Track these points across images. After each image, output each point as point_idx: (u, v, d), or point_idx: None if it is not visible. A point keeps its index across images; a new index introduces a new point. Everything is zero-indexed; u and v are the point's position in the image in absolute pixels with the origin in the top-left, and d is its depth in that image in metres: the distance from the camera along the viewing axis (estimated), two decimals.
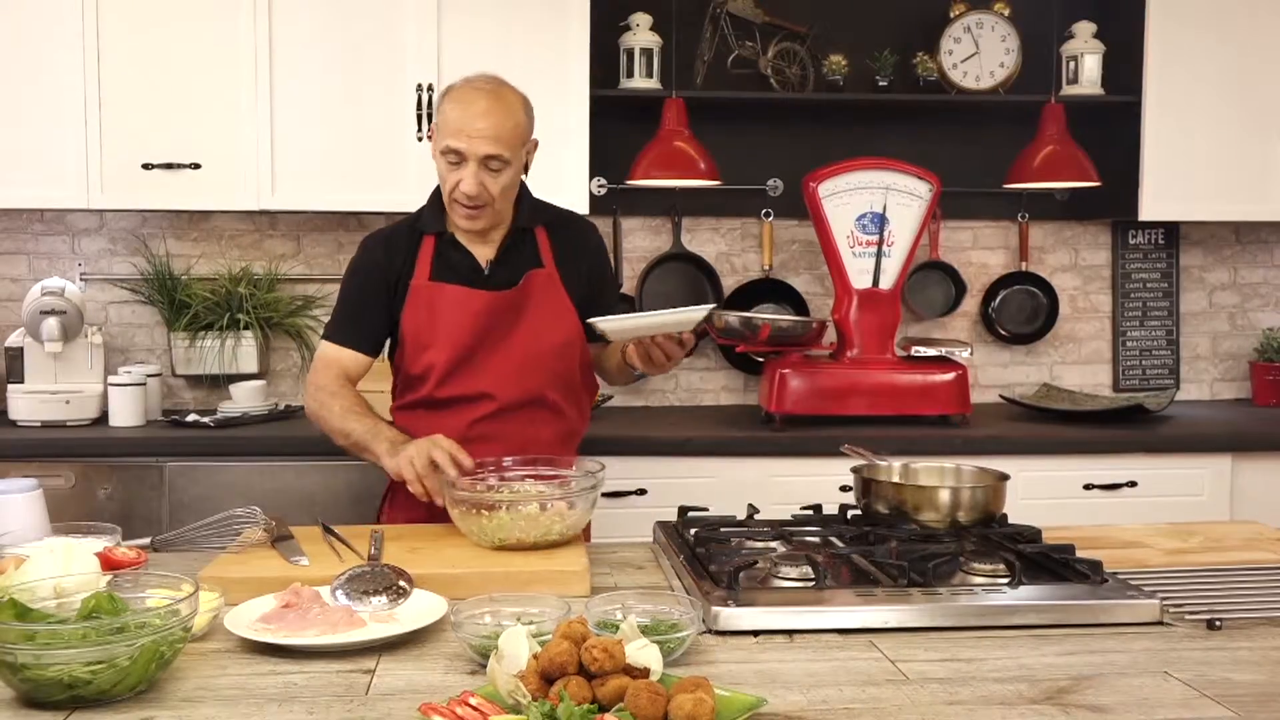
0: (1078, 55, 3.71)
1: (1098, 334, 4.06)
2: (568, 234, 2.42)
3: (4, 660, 1.28)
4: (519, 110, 2.27)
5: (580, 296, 2.38)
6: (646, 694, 1.19)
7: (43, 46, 3.28)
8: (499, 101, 2.23)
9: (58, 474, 3.05)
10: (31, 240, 3.73)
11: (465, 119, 2.20)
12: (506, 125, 2.21)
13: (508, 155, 2.21)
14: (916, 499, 1.98)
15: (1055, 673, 1.42)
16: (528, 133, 2.30)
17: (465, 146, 2.19)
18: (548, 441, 2.33)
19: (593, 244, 2.48)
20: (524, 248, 2.36)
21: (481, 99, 2.22)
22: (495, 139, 2.19)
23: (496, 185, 2.23)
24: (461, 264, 2.34)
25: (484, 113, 2.20)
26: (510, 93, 2.28)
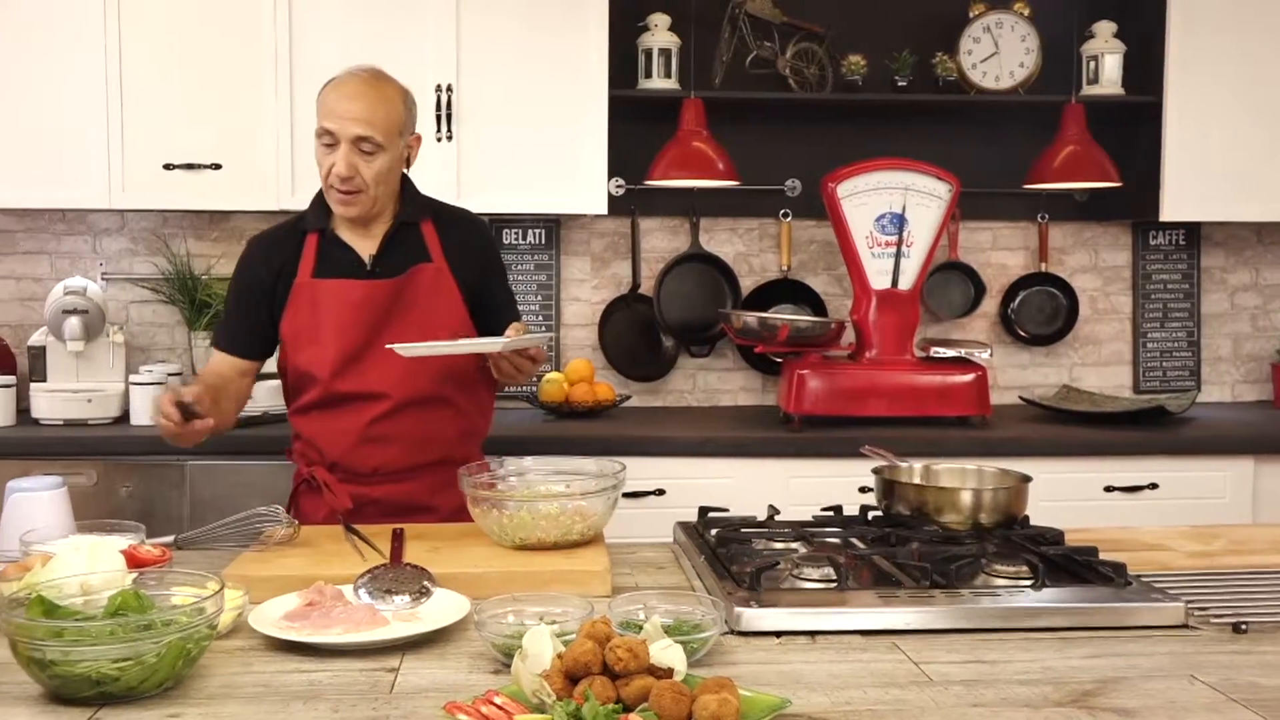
0: (1098, 55, 3.70)
1: (1118, 335, 4.04)
2: (458, 228, 2.41)
3: (33, 657, 1.29)
4: (395, 99, 2.28)
5: (471, 291, 2.36)
6: (671, 694, 1.19)
7: (65, 48, 3.30)
8: (374, 88, 2.26)
9: (80, 472, 3.07)
10: (54, 240, 3.75)
11: (339, 101, 2.23)
12: (379, 111, 2.23)
13: (380, 139, 2.22)
14: (938, 500, 1.97)
15: (1080, 675, 1.41)
16: (405, 123, 2.30)
17: (336, 128, 2.21)
18: (449, 440, 2.33)
19: (484, 239, 2.48)
20: (409, 242, 2.35)
21: (356, 83, 2.25)
22: (367, 122, 2.21)
23: (370, 170, 2.23)
24: (344, 260, 2.32)
25: (356, 95, 2.23)
26: (389, 83, 2.30)
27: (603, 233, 3.89)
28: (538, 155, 3.44)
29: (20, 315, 3.74)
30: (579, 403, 3.54)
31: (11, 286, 3.75)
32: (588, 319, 3.89)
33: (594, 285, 3.90)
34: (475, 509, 1.97)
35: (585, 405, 3.54)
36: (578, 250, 3.90)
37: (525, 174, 3.45)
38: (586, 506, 1.94)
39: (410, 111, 2.33)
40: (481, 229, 2.50)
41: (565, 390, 3.56)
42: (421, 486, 2.31)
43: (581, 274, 3.90)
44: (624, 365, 3.88)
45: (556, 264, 3.86)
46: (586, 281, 3.91)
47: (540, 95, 3.43)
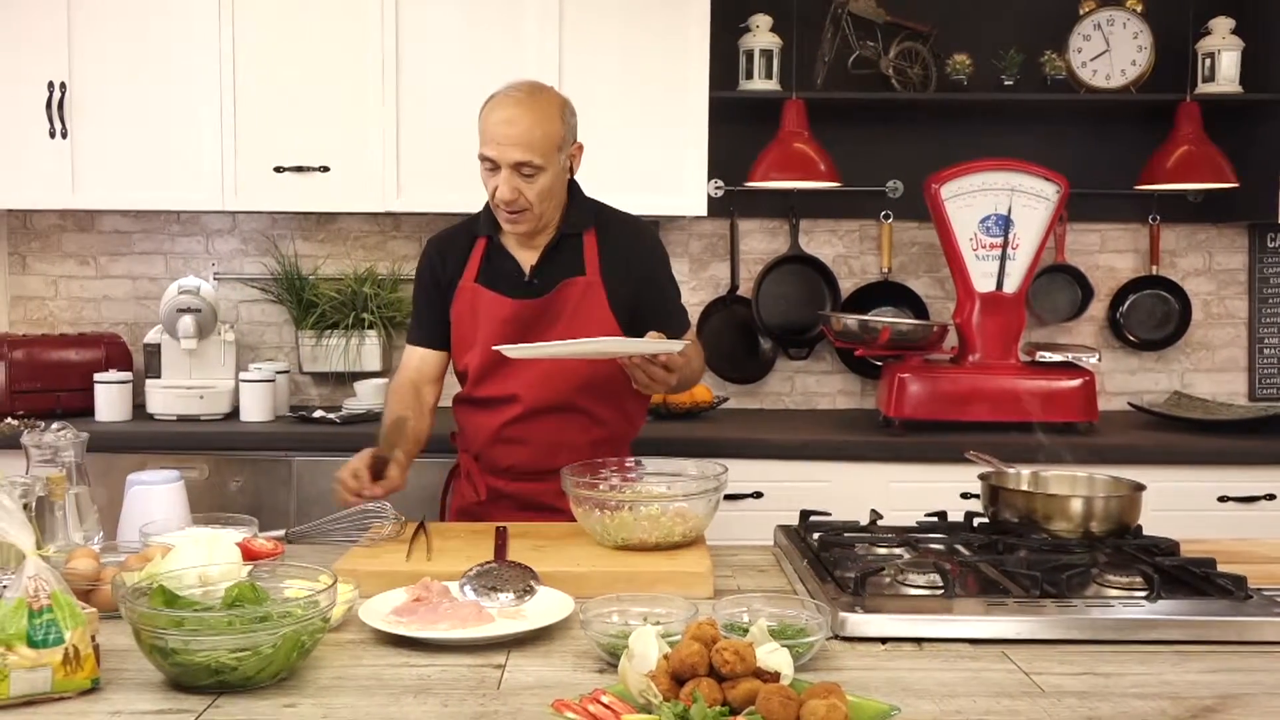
0: (1214, 52, 3.59)
1: (1233, 341, 3.91)
2: (619, 238, 2.40)
3: (155, 645, 1.33)
4: (553, 116, 2.26)
5: (628, 302, 2.36)
6: (778, 698, 1.18)
7: (182, 56, 3.41)
8: (529, 109, 2.23)
9: (192, 466, 3.16)
10: (169, 241, 3.87)
11: (496, 127, 2.23)
12: (536, 132, 2.21)
13: (539, 161, 2.22)
14: (1047, 508, 1.93)
15: (1199, 691, 1.37)
16: (565, 137, 2.28)
17: (496, 154, 2.22)
18: (579, 446, 2.34)
19: (644, 247, 2.45)
20: (568, 252, 2.36)
21: (511, 106, 2.24)
22: (525, 146, 2.20)
23: (532, 190, 2.24)
24: (506, 268, 2.37)
25: (512, 120, 2.22)
26: (544, 99, 2.28)
27: (701, 234, 3.89)
28: (638, 157, 3.45)
29: (136, 314, 3.87)
30: (677, 404, 3.54)
31: (128, 286, 3.88)
32: None
33: (692, 287, 3.90)
34: (577, 509, 1.98)
35: (683, 407, 3.54)
36: (676, 252, 3.90)
37: (625, 176, 3.46)
38: (688, 508, 1.95)
39: (569, 123, 2.30)
40: (644, 237, 2.48)
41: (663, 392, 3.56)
42: (550, 488, 2.32)
43: (680, 275, 3.86)
44: (722, 367, 3.87)
45: None
46: (685, 283, 3.88)
47: (641, 97, 3.44)
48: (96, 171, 3.43)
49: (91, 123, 3.42)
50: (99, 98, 3.41)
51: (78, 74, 3.40)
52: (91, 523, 1.92)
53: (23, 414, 2.09)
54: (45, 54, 3.39)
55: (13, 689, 1.29)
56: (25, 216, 3.84)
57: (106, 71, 3.40)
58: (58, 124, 3.39)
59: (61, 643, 1.31)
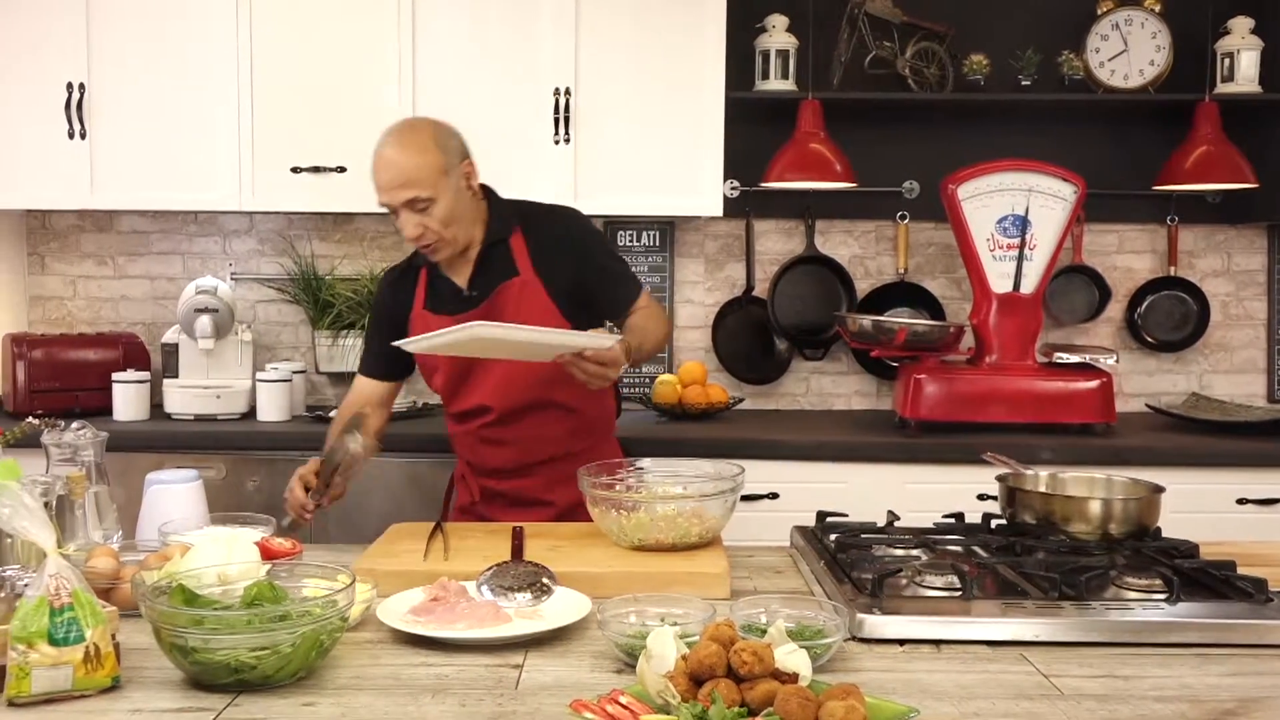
0: (1233, 52, 3.57)
1: (1251, 342, 3.89)
2: (546, 231, 2.41)
3: (175, 643, 1.33)
4: (425, 146, 2.26)
5: (568, 289, 2.37)
6: (797, 699, 1.18)
7: (200, 57, 3.42)
8: (401, 148, 2.26)
9: (209, 465, 3.17)
10: (186, 241, 3.89)
11: (378, 174, 2.27)
12: (410, 168, 2.23)
13: (426, 193, 2.23)
14: (1065, 510, 1.92)
15: (1220, 694, 1.37)
16: (445, 161, 2.28)
17: (386, 199, 2.27)
18: (559, 437, 2.40)
19: (573, 233, 2.45)
20: (498, 260, 2.38)
21: (385, 150, 2.27)
22: (405, 183, 2.23)
23: (433, 221, 2.26)
24: (447, 290, 2.42)
25: (389, 163, 2.25)
26: (414, 133, 2.29)
27: (717, 235, 3.89)
28: (654, 157, 3.45)
29: (154, 313, 3.88)
30: (692, 405, 3.54)
31: (146, 286, 3.90)
32: (701, 321, 3.89)
33: (708, 287, 3.90)
34: (594, 509, 1.98)
35: (698, 407, 3.54)
36: (692, 252, 3.90)
37: (641, 176, 3.47)
38: (704, 509, 1.94)
39: (446, 146, 2.30)
40: (571, 224, 2.48)
41: (678, 392, 3.57)
42: (538, 482, 2.41)
43: (695, 276, 3.90)
44: (737, 368, 3.87)
45: (670, 266, 3.87)
46: (700, 283, 3.91)
47: (657, 98, 3.44)
48: (115, 172, 3.44)
49: (110, 123, 3.43)
50: (117, 98, 3.43)
51: (96, 75, 3.42)
52: (111, 521, 1.92)
53: (41, 413, 2.09)
54: (64, 55, 3.41)
55: (34, 686, 1.30)
56: (44, 217, 3.87)
57: (125, 72, 3.42)
58: (76, 125, 3.41)
59: (82, 641, 1.32)
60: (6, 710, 1.29)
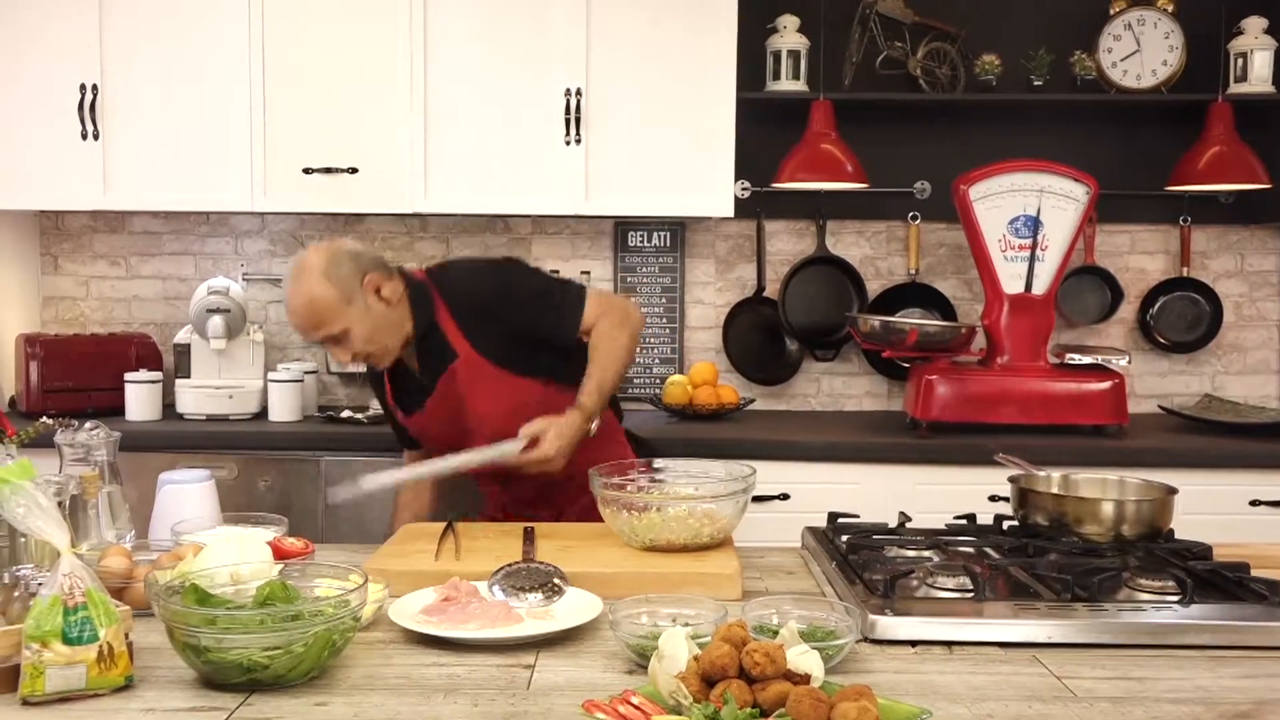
0: (1246, 52, 3.56)
1: (1265, 343, 3.88)
2: (463, 300, 2.37)
3: (188, 643, 1.34)
4: (317, 284, 2.26)
5: (510, 346, 2.35)
6: (809, 700, 1.18)
7: (212, 58, 3.43)
8: (298, 295, 2.28)
9: (221, 465, 3.17)
10: (198, 241, 3.90)
11: (291, 321, 2.35)
12: (312, 311, 2.27)
13: (335, 329, 2.28)
14: (1078, 511, 1.92)
15: (1234, 696, 1.36)
16: (343, 293, 2.26)
17: (306, 340, 2.43)
18: None
19: (489, 288, 2.39)
20: (436, 343, 2.37)
21: (288, 299, 2.32)
22: (312, 325, 2.29)
23: (357, 342, 2.30)
24: (408, 382, 2.46)
25: (292, 311, 2.32)
26: (306, 274, 2.27)
27: (728, 235, 3.88)
28: (665, 158, 3.45)
29: (166, 314, 3.90)
30: (702, 405, 3.54)
31: (158, 286, 3.91)
32: (712, 321, 3.89)
33: (718, 288, 3.90)
34: (605, 509, 1.98)
35: (709, 408, 3.54)
36: (702, 253, 3.90)
37: (652, 177, 3.47)
38: (716, 509, 1.94)
39: (339, 276, 2.27)
40: (481, 279, 2.42)
41: (689, 393, 3.57)
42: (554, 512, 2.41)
43: (706, 276, 3.90)
44: (748, 368, 3.87)
45: (681, 266, 3.87)
46: (711, 284, 3.90)
47: (668, 98, 3.44)
48: (127, 173, 3.45)
49: (122, 124, 3.44)
50: (130, 100, 3.44)
51: (109, 76, 3.43)
52: (124, 521, 1.93)
53: (54, 413, 2.10)
54: (77, 56, 3.42)
55: (48, 685, 1.30)
56: (57, 217, 3.88)
57: (137, 73, 3.43)
58: (89, 126, 3.42)
59: (96, 640, 1.32)
60: (21, 709, 1.30)
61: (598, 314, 2.37)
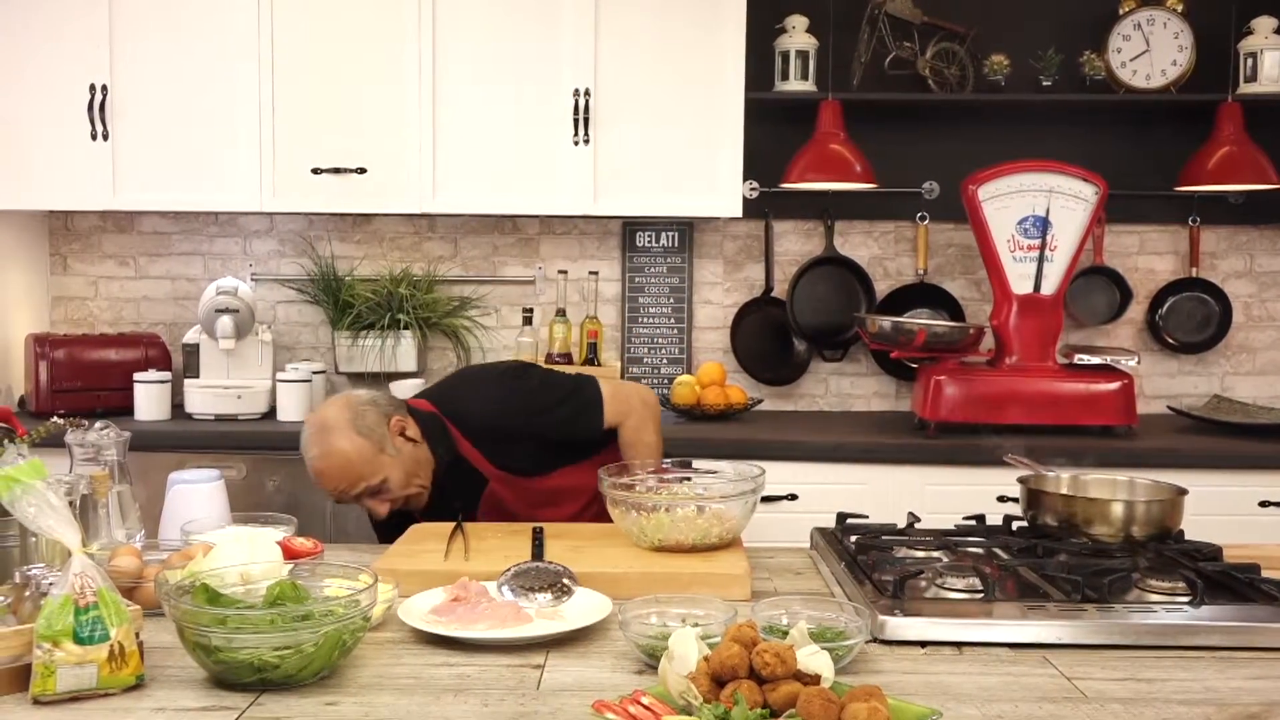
0: (1256, 52, 3.55)
1: (1274, 344, 3.87)
2: (470, 421, 2.34)
3: (199, 642, 1.34)
4: (350, 440, 2.20)
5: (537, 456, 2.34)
6: (819, 701, 1.18)
7: (221, 59, 3.44)
8: (329, 457, 2.21)
9: (230, 465, 3.19)
10: (207, 242, 3.90)
11: (323, 485, 2.24)
12: (349, 467, 2.20)
13: (374, 481, 2.21)
14: (1088, 512, 1.91)
15: (1244, 698, 1.36)
16: (375, 441, 2.22)
17: (342, 499, 2.25)
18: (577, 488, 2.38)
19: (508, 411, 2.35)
20: (463, 472, 2.32)
21: (316, 463, 2.22)
22: (353, 482, 2.21)
23: (396, 490, 2.24)
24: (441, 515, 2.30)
25: (325, 475, 2.22)
26: (333, 434, 2.21)
27: (736, 235, 3.88)
28: (673, 158, 3.46)
29: (175, 314, 3.91)
30: (710, 406, 3.54)
31: (167, 286, 3.92)
32: (720, 322, 3.89)
33: (726, 288, 3.90)
34: (614, 509, 1.98)
35: (717, 408, 3.54)
36: (710, 253, 3.90)
37: (660, 177, 3.47)
38: (724, 510, 1.94)
39: (367, 428, 2.23)
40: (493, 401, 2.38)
41: (697, 393, 3.56)
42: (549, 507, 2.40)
43: (714, 277, 3.90)
44: (756, 369, 3.87)
45: (689, 267, 3.87)
46: (719, 284, 3.90)
47: (677, 98, 3.44)
48: (137, 173, 3.46)
49: (132, 125, 3.45)
50: (139, 100, 3.45)
51: (119, 77, 3.44)
52: (133, 521, 1.94)
53: (64, 413, 2.11)
54: (86, 57, 3.43)
55: (59, 685, 1.30)
56: (66, 217, 3.89)
57: (147, 74, 3.44)
58: (99, 126, 3.43)
59: (107, 639, 1.33)
60: (32, 708, 1.30)
61: (619, 414, 2.41)
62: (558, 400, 2.40)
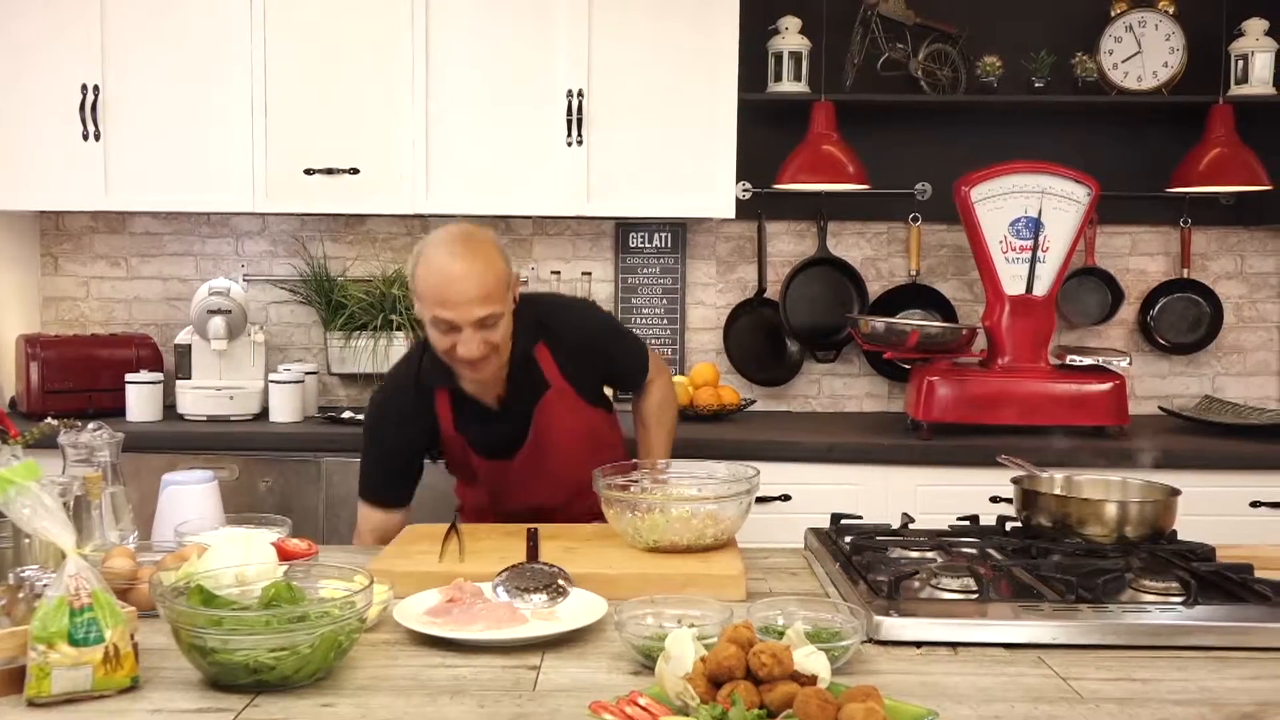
0: (1247, 54, 3.56)
1: (1265, 344, 3.88)
2: (568, 340, 2.33)
3: (194, 644, 1.34)
4: (496, 257, 2.15)
5: (593, 383, 2.41)
6: (816, 701, 1.18)
7: (213, 59, 3.43)
8: (474, 260, 2.11)
9: (222, 466, 3.17)
10: (199, 242, 3.89)
11: (448, 287, 2.09)
12: (489, 282, 2.11)
13: (499, 309, 2.13)
14: (1081, 512, 1.92)
15: (1239, 697, 1.36)
16: (510, 274, 2.18)
17: (455, 316, 2.09)
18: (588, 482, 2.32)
19: (593, 334, 2.40)
20: (529, 373, 2.29)
21: (456, 263, 2.10)
22: (482, 299, 2.09)
23: (496, 337, 2.15)
24: (477, 410, 2.31)
25: (464, 275, 2.09)
26: (484, 245, 2.15)
27: (729, 236, 3.89)
28: (666, 159, 3.46)
29: (166, 315, 3.89)
30: (703, 406, 3.54)
31: (159, 287, 3.91)
32: (713, 323, 3.89)
33: (719, 289, 3.90)
34: (609, 510, 1.98)
35: (709, 409, 3.54)
36: (703, 254, 3.90)
37: (654, 178, 3.47)
38: (719, 511, 1.94)
39: (507, 259, 2.19)
40: (587, 325, 2.42)
41: (690, 394, 3.56)
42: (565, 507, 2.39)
43: (707, 278, 3.90)
44: (748, 369, 3.87)
45: (682, 267, 3.87)
46: (712, 285, 3.90)
47: (670, 99, 3.44)
48: (128, 173, 3.45)
49: (124, 125, 3.44)
50: (131, 100, 3.44)
51: (110, 77, 3.42)
52: (127, 522, 1.93)
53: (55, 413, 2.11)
54: (78, 57, 3.41)
55: (54, 687, 1.30)
56: (57, 218, 3.88)
57: (139, 74, 3.43)
58: (90, 126, 3.42)
59: (102, 641, 1.32)
60: (27, 710, 1.30)
61: (659, 369, 2.56)
62: (627, 335, 2.55)
